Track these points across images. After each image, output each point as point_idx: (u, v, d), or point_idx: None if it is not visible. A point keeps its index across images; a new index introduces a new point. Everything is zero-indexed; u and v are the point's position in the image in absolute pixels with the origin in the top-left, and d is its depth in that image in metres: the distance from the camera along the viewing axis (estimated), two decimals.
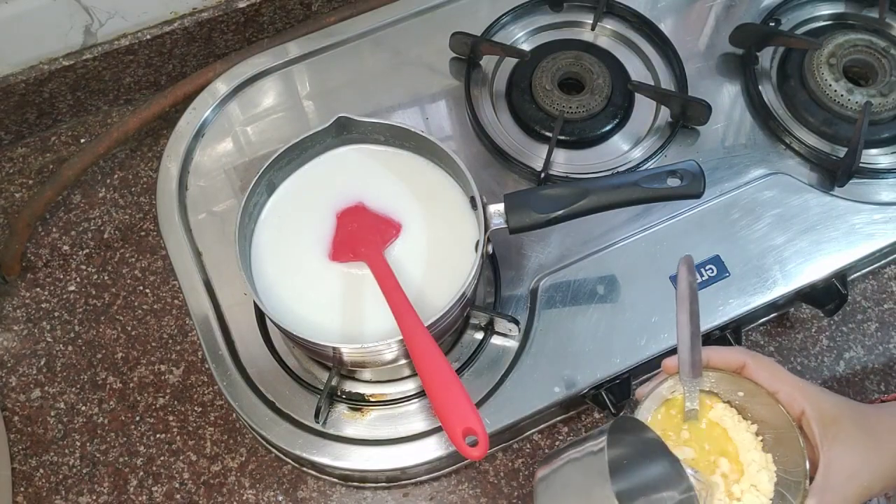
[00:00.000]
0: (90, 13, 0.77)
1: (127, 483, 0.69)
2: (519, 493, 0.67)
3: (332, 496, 0.68)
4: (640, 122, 0.77)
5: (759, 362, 0.53)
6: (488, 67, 0.80)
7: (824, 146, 0.75)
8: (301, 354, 0.68)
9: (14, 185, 0.82)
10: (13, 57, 0.78)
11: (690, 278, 0.53)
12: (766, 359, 0.54)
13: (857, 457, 0.50)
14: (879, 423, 0.53)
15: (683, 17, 0.83)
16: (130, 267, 0.77)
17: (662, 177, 0.60)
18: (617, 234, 0.71)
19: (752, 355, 0.54)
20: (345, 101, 0.79)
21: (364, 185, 0.65)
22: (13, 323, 0.76)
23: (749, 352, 0.54)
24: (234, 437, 0.70)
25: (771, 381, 0.52)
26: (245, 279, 0.59)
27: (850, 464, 0.50)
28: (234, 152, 0.78)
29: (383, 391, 0.67)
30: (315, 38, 0.82)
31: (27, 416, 0.72)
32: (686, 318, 0.53)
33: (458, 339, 0.68)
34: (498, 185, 0.74)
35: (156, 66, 0.84)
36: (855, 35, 0.77)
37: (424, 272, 0.62)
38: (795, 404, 0.51)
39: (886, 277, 0.75)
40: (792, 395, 0.52)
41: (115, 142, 0.78)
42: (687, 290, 0.53)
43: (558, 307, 0.68)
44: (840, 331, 0.73)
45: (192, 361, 0.73)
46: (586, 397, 0.67)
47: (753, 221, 0.71)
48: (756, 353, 0.54)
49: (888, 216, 0.71)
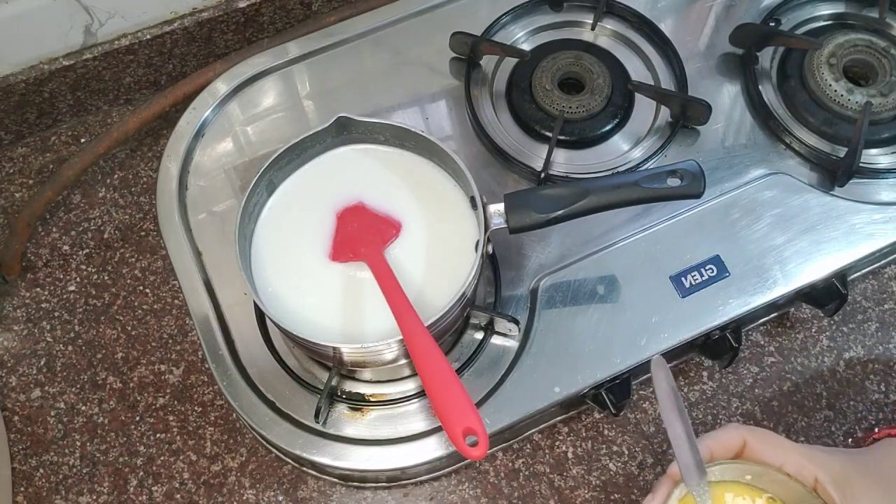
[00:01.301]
0: (90, 13, 0.77)
1: (127, 483, 0.69)
2: (519, 493, 0.67)
3: (332, 496, 0.68)
4: (640, 122, 0.77)
5: (757, 437, 0.52)
6: (488, 67, 0.80)
7: (824, 146, 0.75)
8: (301, 354, 0.68)
9: (14, 185, 0.82)
10: (13, 57, 0.78)
11: (667, 378, 0.52)
12: (762, 431, 0.53)
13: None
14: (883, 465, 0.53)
15: (683, 17, 0.83)
16: (130, 267, 0.78)
17: (662, 177, 0.60)
18: (617, 234, 0.71)
19: (749, 430, 0.53)
20: (345, 101, 0.79)
21: (364, 185, 0.65)
22: (13, 323, 0.76)
23: (743, 427, 0.53)
24: (234, 437, 0.70)
25: (775, 455, 0.52)
26: (245, 279, 0.59)
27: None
28: (234, 152, 0.78)
29: (383, 391, 0.67)
30: (315, 38, 0.82)
31: (27, 416, 0.72)
32: (676, 420, 0.51)
33: (458, 339, 0.68)
34: (498, 185, 0.74)
35: (156, 65, 0.84)
36: (855, 35, 0.77)
37: (424, 272, 0.62)
38: (806, 472, 0.51)
39: (886, 277, 0.75)
40: (800, 463, 0.51)
41: (115, 142, 0.78)
42: (668, 392, 0.51)
43: (558, 307, 0.68)
44: (840, 331, 0.73)
45: (192, 361, 0.73)
46: (586, 397, 0.67)
47: (753, 221, 0.71)
48: (751, 428, 0.53)
49: (888, 216, 0.71)
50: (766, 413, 0.70)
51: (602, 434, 0.69)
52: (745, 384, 0.71)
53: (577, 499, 0.67)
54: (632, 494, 0.67)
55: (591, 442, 0.69)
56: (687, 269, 0.69)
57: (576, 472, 0.68)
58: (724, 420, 0.69)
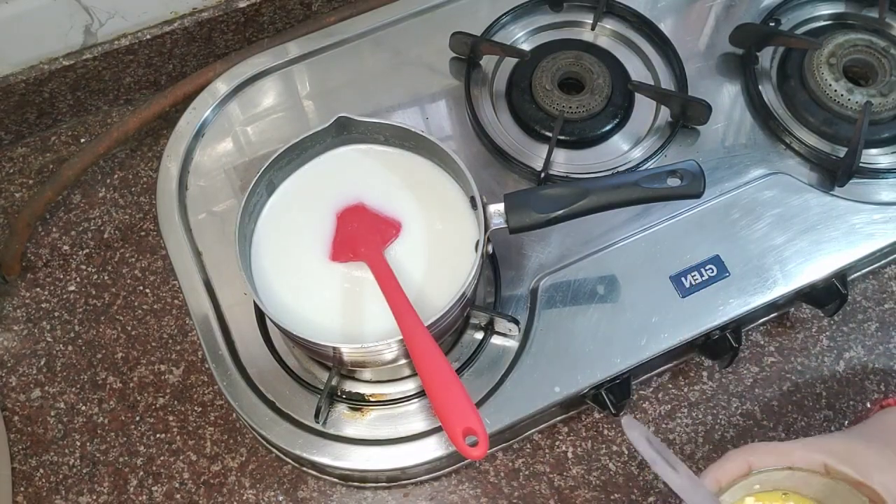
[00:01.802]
0: (90, 13, 0.77)
1: (127, 483, 0.69)
2: (519, 492, 0.67)
3: (333, 496, 0.68)
4: (640, 122, 0.77)
5: (758, 452, 0.53)
6: (488, 67, 0.80)
7: (824, 146, 0.75)
8: (301, 354, 0.68)
9: (14, 185, 0.82)
10: (13, 57, 0.78)
11: (644, 434, 0.50)
12: (759, 445, 0.53)
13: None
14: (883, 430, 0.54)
15: (683, 17, 0.83)
16: (130, 267, 0.77)
17: (662, 177, 0.60)
18: (617, 234, 0.71)
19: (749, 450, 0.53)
20: (345, 101, 0.79)
21: (364, 185, 0.65)
22: (13, 323, 0.76)
23: (742, 449, 0.53)
24: (234, 437, 0.70)
25: (779, 461, 0.52)
26: (245, 279, 0.59)
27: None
28: (234, 152, 0.78)
29: (383, 391, 0.67)
30: (315, 38, 0.82)
31: (27, 416, 0.72)
32: (670, 471, 0.49)
33: (458, 339, 0.68)
34: (498, 185, 0.74)
35: (156, 65, 0.84)
36: (855, 35, 0.77)
37: (424, 272, 0.61)
38: (814, 462, 0.52)
39: (887, 277, 0.75)
40: (805, 456, 0.52)
41: (115, 142, 0.78)
42: (650, 448, 0.50)
43: (558, 307, 0.68)
44: (840, 331, 0.73)
45: (192, 361, 0.73)
46: (586, 397, 0.67)
47: (753, 221, 0.71)
48: (750, 447, 0.53)
49: (888, 216, 0.71)
50: (765, 413, 0.70)
51: (602, 434, 0.69)
52: (745, 384, 0.71)
53: (577, 499, 0.67)
54: (632, 494, 0.67)
55: (591, 442, 0.69)
56: (687, 269, 0.69)
57: (576, 472, 0.68)
58: (724, 420, 0.69)
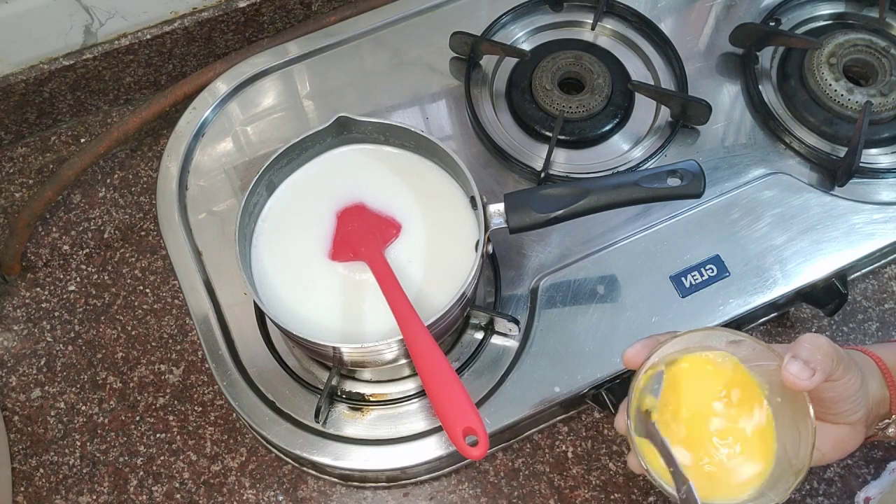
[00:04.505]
0: (90, 13, 0.77)
1: (127, 483, 0.69)
2: (519, 492, 0.67)
3: (333, 496, 0.68)
4: (640, 122, 0.77)
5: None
6: (488, 67, 0.80)
7: (824, 146, 0.75)
8: (301, 354, 0.68)
9: (14, 185, 0.82)
10: (13, 57, 0.78)
11: None
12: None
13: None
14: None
15: (683, 16, 0.83)
16: (130, 267, 0.78)
17: (662, 177, 0.60)
18: (617, 234, 0.71)
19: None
20: (345, 101, 0.79)
21: (364, 184, 0.65)
22: (13, 323, 0.76)
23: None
24: (234, 437, 0.70)
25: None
26: (245, 279, 0.59)
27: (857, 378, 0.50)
28: (234, 152, 0.78)
29: (383, 391, 0.67)
30: (315, 38, 0.82)
31: (27, 416, 0.72)
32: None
33: (458, 339, 0.68)
34: (498, 185, 0.74)
35: (156, 65, 0.84)
36: (855, 35, 0.77)
37: (424, 272, 0.62)
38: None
39: (887, 277, 0.75)
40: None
41: (115, 142, 0.78)
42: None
43: (558, 307, 0.68)
44: (840, 331, 0.73)
45: (192, 361, 0.73)
46: (586, 397, 0.67)
47: (753, 221, 0.71)
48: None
49: (888, 216, 0.71)
50: None
51: (602, 434, 0.69)
52: None
53: (577, 498, 0.67)
54: (632, 494, 0.67)
55: (591, 442, 0.69)
56: (687, 269, 0.69)
57: (576, 471, 0.68)
58: None
